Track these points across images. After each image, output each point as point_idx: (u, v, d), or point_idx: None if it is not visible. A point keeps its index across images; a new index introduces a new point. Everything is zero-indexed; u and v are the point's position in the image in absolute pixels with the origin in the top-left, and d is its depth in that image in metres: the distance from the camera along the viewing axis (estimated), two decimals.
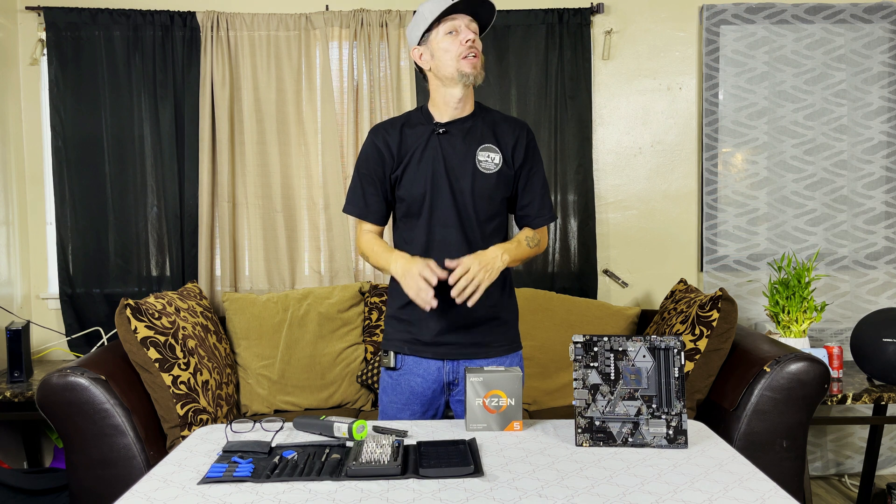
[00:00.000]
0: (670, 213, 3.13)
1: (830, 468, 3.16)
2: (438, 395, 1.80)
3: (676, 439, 1.40)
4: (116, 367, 2.11)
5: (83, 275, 2.96)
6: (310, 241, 3.04)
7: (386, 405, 1.81)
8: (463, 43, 1.67)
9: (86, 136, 2.95)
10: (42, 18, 2.93)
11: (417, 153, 1.73)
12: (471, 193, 1.73)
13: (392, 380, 1.80)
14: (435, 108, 1.77)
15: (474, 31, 1.71)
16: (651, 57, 3.09)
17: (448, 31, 1.69)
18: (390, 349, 1.80)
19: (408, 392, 1.78)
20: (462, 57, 1.67)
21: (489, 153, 1.75)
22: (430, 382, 1.78)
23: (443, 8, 1.66)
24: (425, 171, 1.73)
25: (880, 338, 2.50)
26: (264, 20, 2.94)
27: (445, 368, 1.77)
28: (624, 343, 1.43)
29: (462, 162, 1.73)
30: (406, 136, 1.76)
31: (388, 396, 1.80)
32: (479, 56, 1.69)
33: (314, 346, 2.73)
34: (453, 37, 1.68)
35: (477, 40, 1.70)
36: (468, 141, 1.74)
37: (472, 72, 1.68)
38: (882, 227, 3.10)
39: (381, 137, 1.76)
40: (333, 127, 2.96)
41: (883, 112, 3.07)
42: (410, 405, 1.78)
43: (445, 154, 1.73)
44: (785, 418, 2.04)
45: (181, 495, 1.19)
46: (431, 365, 1.77)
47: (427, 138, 1.74)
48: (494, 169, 1.74)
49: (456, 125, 1.75)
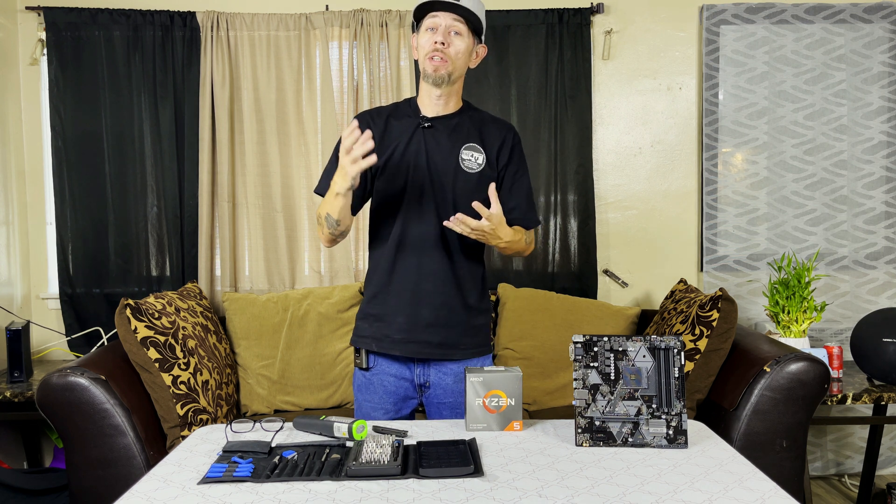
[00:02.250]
0: (670, 213, 3.13)
1: (830, 468, 3.16)
2: (412, 393, 1.78)
3: (676, 439, 1.40)
4: (116, 367, 2.11)
5: (83, 275, 2.96)
6: (310, 241, 3.04)
7: (361, 403, 1.80)
8: (433, 43, 1.65)
9: (86, 136, 2.95)
10: (42, 18, 2.93)
11: (401, 146, 1.71)
12: (452, 190, 1.70)
13: (365, 379, 1.79)
14: (421, 101, 1.75)
15: (459, 31, 1.67)
16: (651, 57, 3.09)
17: (428, 27, 1.67)
18: (361, 346, 1.77)
19: (381, 391, 1.77)
20: (428, 57, 1.66)
21: (473, 153, 1.73)
22: (403, 381, 1.76)
23: (420, 1, 1.65)
24: (407, 164, 1.70)
25: (880, 338, 2.50)
26: (264, 20, 2.94)
27: (416, 371, 1.76)
28: (624, 343, 1.43)
29: (445, 159, 1.71)
30: (392, 126, 1.74)
31: (363, 395, 1.79)
32: (447, 59, 1.65)
33: (314, 346, 2.73)
34: (431, 34, 1.67)
35: (452, 43, 1.66)
36: (453, 138, 1.72)
37: (432, 73, 1.66)
38: (882, 227, 3.10)
39: (366, 124, 1.74)
40: (333, 127, 2.96)
41: (883, 112, 3.07)
42: (384, 404, 1.77)
43: (429, 149, 1.71)
44: (785, 418, 2.04)
45: (181, 495, 1.19)
46: (402, 367, 1.76)
47: (412, 132, 1.72)
48: (477, 169, 1.72)
49: (442, 121, 1.73)
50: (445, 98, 1.72)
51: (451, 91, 1.72)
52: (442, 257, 1.72)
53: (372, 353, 1.78)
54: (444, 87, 1.69)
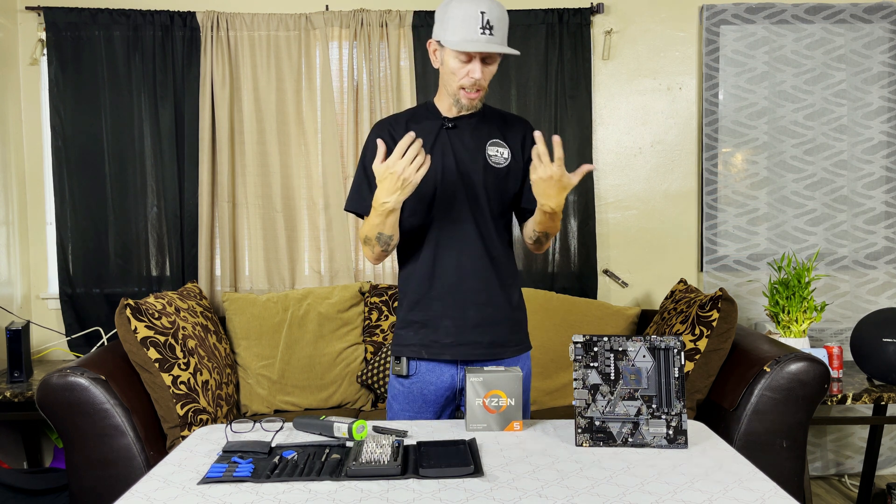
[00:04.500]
0: (670, 213, 3.13)
1: (830, 468, 3.16)
2: (450, 401, 1.76)
3: (676, 439, 1.40)
4: (116, 367, 2.11)
5: (83, 275, 2.96)
6: (310, 241, 3.04)
7: (397, 413, 1.76)
8: (469, 75, 1.62)
9: (86, 136, 2.95)
10: (42, 18, 2.93)
11: (426, 147, 1.69)
12: (483, 187, 1.69)
13: (403, 387, 1.74)
14: (441, 103, 1.74)
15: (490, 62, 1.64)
16: (651, 57, 3.09)
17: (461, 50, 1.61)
18: (404, 355, 1.73)
19: (420, 400, 1.73)
20: (462, 88, 1.64)
21: (498, 148, 1.73)
22: (443, 390, 1.73)
23: (463, 48, 1.57)
24: (435, 165, 1.69)
25: (880, 338, 2.50)
26: (264, 20, 2.94)
27: (459, 375, 1.72)
28: (624, 343, 1.43)
29: (473, 156, 1.70)
30: (412, 131, 1.73)
31: (400, 404, 1.75)
32: (481, 90, 1.66)
33: (314, 346, 2.73)
34: (464, 63, 1.62)
35: (487, 71, 1.64)
36: (476, 136, 1.72)
37: (466, 104, 1.67)
38: (882, 227, 3.10)
39: (387, 132, 1.72)
40: (333, 127, 2.96)
41: (883, 112, 3.07)
42: (423, 413, 1.74)
43: (455, 148, 1.70)
44: (785, 418, 2.04)
45: (181, 495, 1.19)
46: (445, 371, 1.72)
47: (436, 133, 1.71)
48: (504, 163, 1.72)
49: (463, 121, 1.73)
50: None
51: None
52: (482, 255, 1.70)
53: (413, 360, 1.73)
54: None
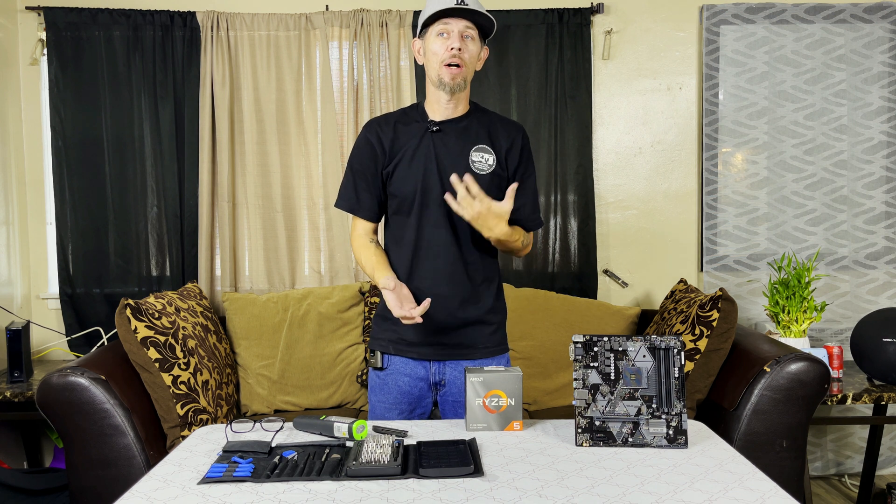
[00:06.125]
0: (670, 213, 3.13)
1: (830, 468, 3.16)
2: (426, 393, 1.79)
3: (676, 439, 1.40)
4: (116, 367, 2.11)
5: (83, 275, 2.96)
6: (310, 241, 3.04)
7: (375, 404, 1.81)
8: (448, 49, 1.63)
9: (86, 136, 2.95)
10: (42, 18, 2.93)
11: (410, 150, 1.71)
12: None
13: (380, 379, 1.79)
14: (429, 105, 1.75)
15: (471, 35, 1.66)
16: (651, 57, 3.09)
17: (439, 32, 1.65)
18: (376, 348, 1.79)
19: (396, 391, 1.77)
20: (444, 63, 1.64)
21: (483, 154, 1.72)
22: (418, 381, 1.77)
23: (435, 10, 1.62)
24: (417, 169, 1.70)
25: (880, 338, 2.50)
26: (264, 20, 2.94)
27: (432, 369, 1.77)
28: (624, 343, 1.43)
29: (455, 161, 1.71)
30: (400, 132, 1.73)
31: (377, 396, 1.80)
32: (463, 65, 1.65)
33: (314, 346, 2.73)
34: (443, 39, 1.64)
35: (467, 48, 1.65)
36: (462, 141, 1.72)
37: (449, 81, 1.65)
38: (882, 227, 3.10)
39: (375, 132, 1.74)
40: (333, 127, 2.96)
41: (883, 112, 3.07)
42: (399, 404, 1.77)
43: (438, 153, 1.71)
44: (785, 418, 2.04)
45: (181, 495, 1.19)
46: (417, 366, 1.76)
47: (421, 136, 1.72)
48: (488, 170, 1.72)
49: (450, 124, 1.73)
50: (455, 102, 1.72)
51: (461, 96, 1.72)
52: (455, 260, 1.72)
53: (386, 354, 1.78)
54: (456, 92, 1.69)
